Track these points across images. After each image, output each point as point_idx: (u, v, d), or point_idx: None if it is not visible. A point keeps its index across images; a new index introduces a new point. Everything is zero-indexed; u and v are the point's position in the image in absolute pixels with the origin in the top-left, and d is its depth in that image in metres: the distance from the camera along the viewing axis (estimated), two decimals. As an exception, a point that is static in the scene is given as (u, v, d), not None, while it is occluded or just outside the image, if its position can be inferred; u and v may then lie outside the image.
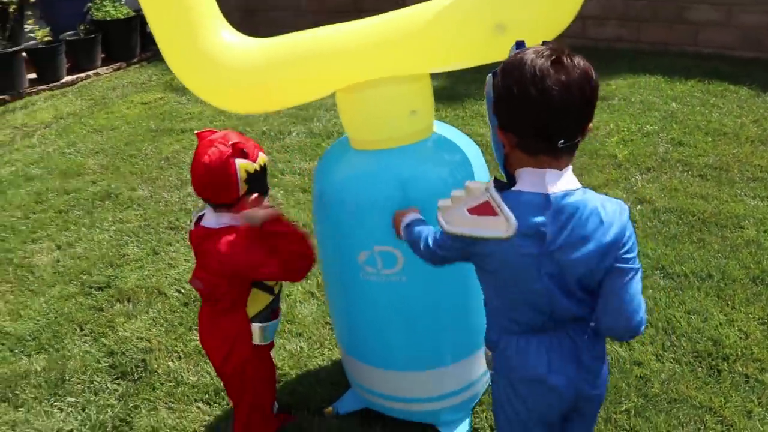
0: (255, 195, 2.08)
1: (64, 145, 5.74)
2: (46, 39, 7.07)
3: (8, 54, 6.76)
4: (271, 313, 2.25)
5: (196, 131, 2.12)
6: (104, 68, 7.64)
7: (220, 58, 2.06)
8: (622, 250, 1.51)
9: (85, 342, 3.25)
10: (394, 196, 2.06)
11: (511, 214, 1.48)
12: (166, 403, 2.82)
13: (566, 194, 1.50)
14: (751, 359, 2.76)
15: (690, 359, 2.77)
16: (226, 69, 2.07)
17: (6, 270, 3.90)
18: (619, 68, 6.34)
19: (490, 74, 1.51)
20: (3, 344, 3.29)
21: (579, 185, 1.53)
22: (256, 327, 2.20)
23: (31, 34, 7.20)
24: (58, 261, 3.96)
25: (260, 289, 2.17)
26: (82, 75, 7.42)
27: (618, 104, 5.59)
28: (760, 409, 2.53)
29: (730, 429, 2.44)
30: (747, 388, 2.62)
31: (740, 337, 2.87)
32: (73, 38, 7.37)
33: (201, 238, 2.08)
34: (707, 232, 3.66)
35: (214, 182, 2.00)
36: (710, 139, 4.85)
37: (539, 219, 1.49)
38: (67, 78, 7.30)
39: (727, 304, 3.08)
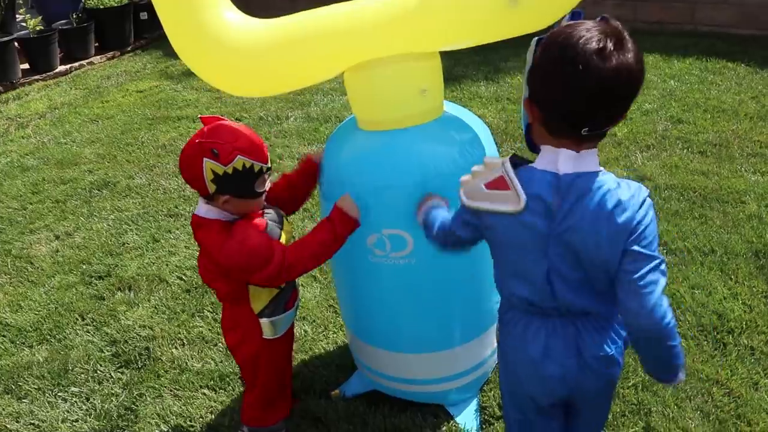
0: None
1: (59, 134, 5.69)
2: (38, 28, 6.99)
3: (0, 44, 6.70)
4: (282, 304, 2.18)
5: (200, 116, 2.07)
6: (98, 57, 7.58)
7: (225, 38, 1.98)
8: (634, 236, 1.40)
9: (87, 331, 3.24)
10: (403, 178, 2.02)
11: (521, 190, 1.45)
12: (171, 391, 2.81)
13: (579, 175, 1.43)
14: (756, 332, 2.76)
15: (695, 333, 2.76)
16: (232, 50, 1.99)
17: (4, 261, 3.88)
18: (616, 47, 6.32)
19: (535, 39, 1.48)
20: (4, 336, 3.27)
21: (598, 168, 1.45)
22: (264, 322, 2.15)
23: (23, 24, 7.13)
24: (57, 251, 3.93)
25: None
26: (76, 64, 7.36)
27: (616, 83, 5.56)
28: (767, 380, 2.53)
29: (737, 401, 2.44)
30: (753, 360, 2.62)
31: (744, 311, 2.87)
32: (65, 27, 7.30)
33: (194, 227, 2.05)
34: (709, 208, 3.65)
35: (186, 175, 1.96)
36: (709, 116, 4.83)
37: (548, 197, 1.44)
38: (61, 68, 7.24)
39: (731, 278, 3.08)
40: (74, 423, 2.72)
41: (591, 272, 1.48)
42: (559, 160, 1.43)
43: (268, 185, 2.06)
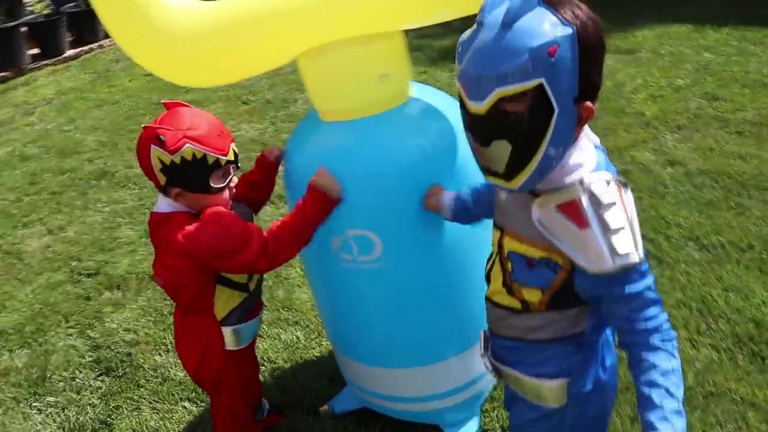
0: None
1: (63, 122, 5.53)
2: (45, 12, 6.82)
3: (7, 29, 6.55)
4: (245, 313, 1.96)
5: (163, 101, 1.86)
6: (108, 40, 7.40)
7: (163, 23, 1.75)
8: None
9: (70, 335, 3.04)
10: (366, 172, 1.77)
11: (620, 176, 1.22)
12: (150, 403, 2.60)
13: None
14: (799, 343, 2.43)
15: (729, 345, 2.44)
16: (170, 36, 1.76)
17: (-6, 257, 3.72)
18: (646, 17, 5.89)
19: (564, 30, 1.09)
20: (-15, 339, 3.11)
21: None
22: (227, 330, 1.92)
23: (31, 8, 6.97)
24: (48, 246, 3.75)
25: (227, 286, 1.89)
26: (86, 48, 7.20)
27: (645, 57, 5.18)
28: (812, 401, 2.21)
29: (777, 427, 2.13)
30: (795, 377, 2.30)
31: (786, 317, 2.54)
32: (74, 10, 7.12)
33: (153, 226, 1.82)
34: (747, 197, 3.30)
35: (139, 163, 1.75)
36: (748, 91, 4.43)
37: (614, 167, 1.28)
38: (70, 52, 7.08)
39: (771, 279, 2.75)
40: (47, 438, 2.54)
41: None
42: (589, 135, 1.28)
43: (234, 181, 1.83)
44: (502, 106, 1.13)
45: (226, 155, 1.72)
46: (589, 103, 1.16)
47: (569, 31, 1.08)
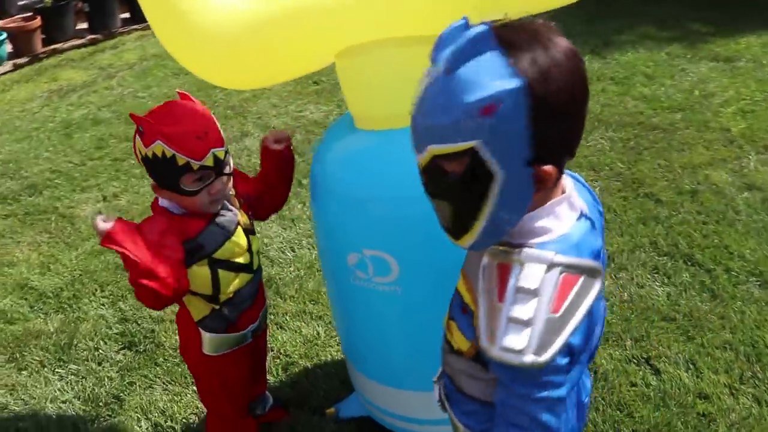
0: None
1: (140, 88, 5.65)
2: (138, -22, 6.99)
3: (101, -7, 6.75)
4: (220, 323, 1.86)
5: (177, 90, 1.83)
6: (196, 10, 7.52)
7: (200, 22, 1.69)
8: None
9: (102, 304, 3.09)
10: (389, 189, 1.65)
11: (591, 261, 1.02)
12: (163, 383, 2.60)
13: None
14: None
15: (775, 399, 2.20)
16: (206, 35, 1.71)
17: (49, 219, 3.82)
18: (755, 23, 5.40)
19: (510, 83, 0.90)
20: (25, 299, 3.19)
21: None
22: (204, 335, 1.86)
23: (125, -27, 7.16)
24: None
25: (191, 293, 1.78)
26: (174, 16, 7.33)
27: (744, 66, 4.77)
28: None
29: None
30: None
31: None
32: (166, -22, 7.26)
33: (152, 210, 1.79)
34: (828, 233, 2.98)
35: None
36: None
37: (598, 244, 1.08)
38: (159, 19, 7.23)
39: (839, 330, 2.46)
40: (61, 404, 2.58)
41: None
42: (574, 201, 1.08)
43: (217, 187, 1.71)
44: (439, 162, 0.99)
45: (199, 160, 1.62)
46: (548, 167, 0.97)
47: (516, 84, 0.90)
